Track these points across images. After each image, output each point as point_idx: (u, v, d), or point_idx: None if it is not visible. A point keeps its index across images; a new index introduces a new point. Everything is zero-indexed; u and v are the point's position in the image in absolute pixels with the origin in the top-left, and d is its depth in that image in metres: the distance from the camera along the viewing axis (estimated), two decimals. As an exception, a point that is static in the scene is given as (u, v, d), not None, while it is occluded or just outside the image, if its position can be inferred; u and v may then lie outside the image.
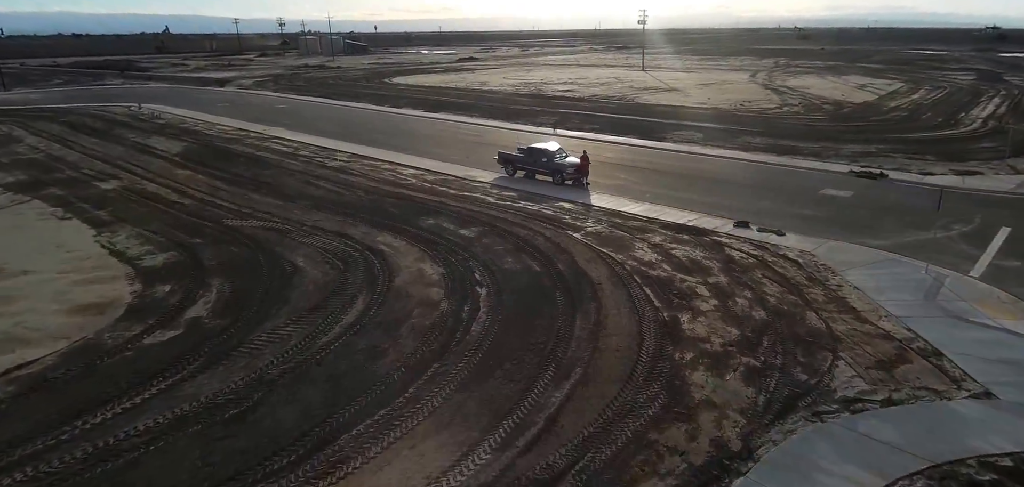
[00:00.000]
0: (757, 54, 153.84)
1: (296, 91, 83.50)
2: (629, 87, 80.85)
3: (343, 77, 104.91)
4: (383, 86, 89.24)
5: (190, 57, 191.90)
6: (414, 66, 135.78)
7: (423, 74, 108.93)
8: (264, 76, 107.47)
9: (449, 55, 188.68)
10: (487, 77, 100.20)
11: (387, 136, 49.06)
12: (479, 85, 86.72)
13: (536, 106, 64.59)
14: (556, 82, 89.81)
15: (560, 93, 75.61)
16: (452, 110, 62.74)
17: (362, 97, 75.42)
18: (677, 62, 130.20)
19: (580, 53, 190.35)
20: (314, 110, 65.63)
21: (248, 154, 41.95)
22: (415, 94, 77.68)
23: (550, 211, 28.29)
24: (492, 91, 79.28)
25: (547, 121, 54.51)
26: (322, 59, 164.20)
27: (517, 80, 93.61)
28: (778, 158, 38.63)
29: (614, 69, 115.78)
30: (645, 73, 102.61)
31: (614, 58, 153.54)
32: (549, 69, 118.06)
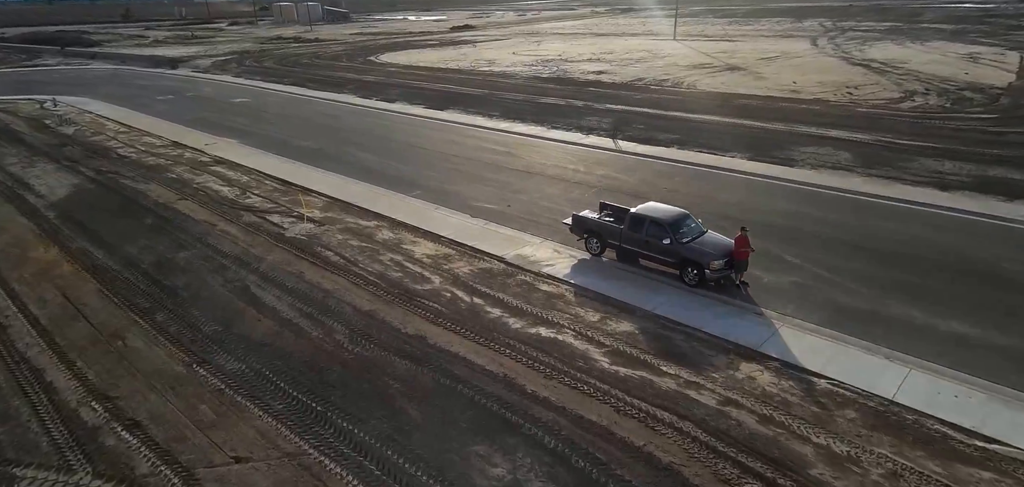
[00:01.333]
0: (788, 14, 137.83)
1: (263, 75, 67.43)
2: (674, 65, 65.51)
3: (321, 53, 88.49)
4: (370, 67, 73.22)
5: (157, 26, 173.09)
6: (403, 38, 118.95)
7: (416, 49, 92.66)
8: (228, 53, 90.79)
9: (440, 22, 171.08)
10: (494, 53, 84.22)
11: (381, 157, 33.91)
12: (487, 65, 70.97)
13: (570, 97, 49.38)
14: (578, 58, 74.19)
15: (591, 75, 60.25)
16: (463, 106, 47.36)
17: (344, 85, 59.65)
18: (705, 26, 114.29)
19: (584, 19, 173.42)
20: (281, 106, 50.02)
21: (166, 207, 26.64)
22: (411, 79, 61.99)
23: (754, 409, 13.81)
24: (506, 74, 63.70)
25: (599, 126, 39.54)
26: (298, 29, 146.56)
27: (530, 57, 77.82)
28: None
29: (639, 38, 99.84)
30: (680, 44, 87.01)
31: (628, 23, 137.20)
32: (562, 40, 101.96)
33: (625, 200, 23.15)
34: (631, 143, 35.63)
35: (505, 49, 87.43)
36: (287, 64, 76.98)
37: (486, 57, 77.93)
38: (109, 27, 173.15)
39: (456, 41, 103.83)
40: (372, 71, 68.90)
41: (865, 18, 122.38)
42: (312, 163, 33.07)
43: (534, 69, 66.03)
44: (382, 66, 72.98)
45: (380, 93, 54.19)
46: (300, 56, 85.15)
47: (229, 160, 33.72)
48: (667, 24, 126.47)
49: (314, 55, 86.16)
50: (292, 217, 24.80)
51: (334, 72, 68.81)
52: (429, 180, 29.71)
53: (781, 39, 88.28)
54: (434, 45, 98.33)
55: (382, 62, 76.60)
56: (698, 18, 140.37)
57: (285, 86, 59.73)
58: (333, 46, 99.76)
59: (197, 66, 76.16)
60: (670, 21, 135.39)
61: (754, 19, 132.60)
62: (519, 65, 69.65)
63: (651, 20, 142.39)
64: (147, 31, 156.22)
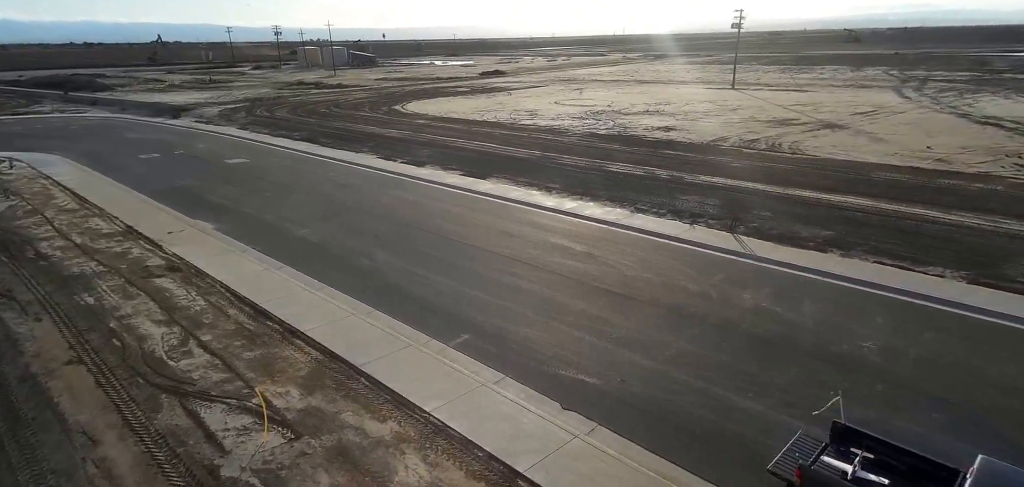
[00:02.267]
0: (839, 62, 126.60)
1: (271, 128, 57.63)
2: (751, 119, 54.44)
3: (341, 101, 79.05)
4: (395, 119, 63.24)
5: (180, 69, 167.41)
6: (431, 83, 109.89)
7: (446, 97, 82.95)
8: (240, 101, 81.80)
9: (468, 66, 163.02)
10: (533, 102, 74.02)
11: (407, 260, 22.90)
12: (529, 118, 60.57)
13: (645, 162, 38.36)
14: (632, 109, 63.58)
15: (658, 133, 49.38)
16: (511, 173, 36.56)
17: (364, 141, 49.39)
18: (758, 74, 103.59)
19: (618, 64, 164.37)
20: (283, 171, 39.70)
21: (31, 383, 15.77)
22: (443, 135, 51.68)
23: None
24: (554, 130, 53.14)
25: (703, 210, 28.37)
26: (322, 73, 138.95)
27: (576, 107, 67.40)
28: None
29: (691, 86, 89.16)
30: (742, 93, 76.11)
31: (669, 70, 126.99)
32: (605, 88, 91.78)
33: (829, 377, 11.87)
34: (762, 241, 24.31)
35: (545, 98, 77.25)
36: (301, 113, 67.38)
37: (526, 107, 67.61)
38: (132, 70, 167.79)
39: (488, 88, 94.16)
40: (397, 123, 58.80)
41: (931, 66, 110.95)
42: (307, 268, 22.24)
43: (585, 123, 55.37)
44: (409, 117, 62.89)
45: (406, 153, 43.70)
46: (318, 104, 75.69)
47: (189, 264, 23.00)
48: (714, 71, 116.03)
49: (333, 103, 76.67)
50: (248, 415, 13.78)
51: (353, 124, 58.81)
52: (479, 308, 18.65)
53: (859, 89, 76.95)
54: (465, 92, 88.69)
55: (409, 112, 66.63)
56: (745, 65, 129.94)
57: (294, 142, 49.64)
58: (355, 93, 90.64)
59: (201, 116, 66.79)
60: (715, 67, 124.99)
61: (807, 66, 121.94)
62: (566, 117, 59.13)
63: (693, 66, 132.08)
64: (168, 74, 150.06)
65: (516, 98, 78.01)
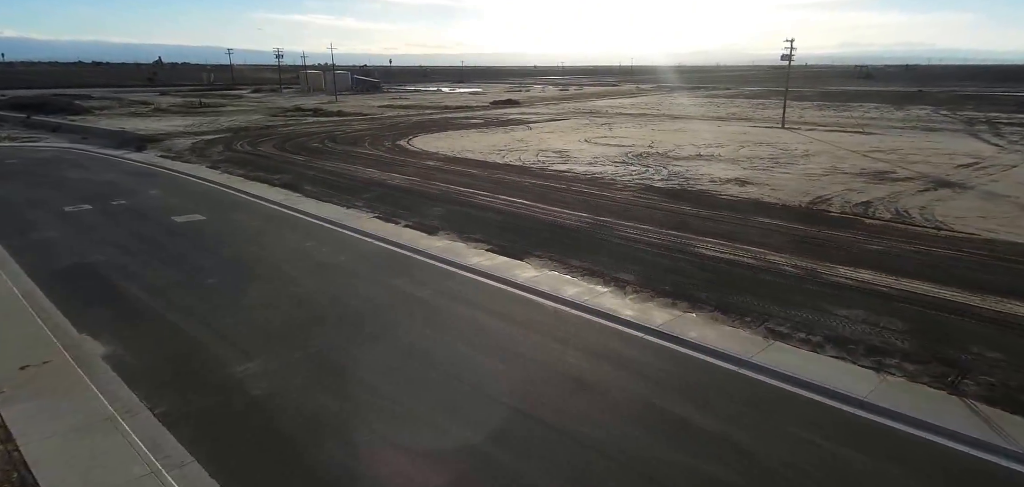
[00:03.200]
0: (863, 98, 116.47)
1: (248, 167, 46.95)
2: (835, 170, 43.73)
3: (339, 134, 68.56)
4: (400, 158, 52.61)
5: (177, 91, 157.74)
6: (439, 112, 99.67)
7: (458, 130, 72.49)
8: (223, 130, 71.28)
9: (478, 95, 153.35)
10: (559, 139, 63.50)
11: (416, 459, 12.16)
12: (560, 161, 49.90)
13: (742, 235, 27.54)
14: (679, 152, 53.03)
15: (728, 187, 38.70)
16: (557, 250, 25.59)
17: (360, 191, 38.59)
18: (795, 112, 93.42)
19: (632, 95, 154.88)
20: (243, 240, 28.73)
21: None
22: (459, 183, 40.89)
23: None
24: (597, 181, 42.47)
25: (884, 340, 17.40)
26: (323, 98, 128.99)
27: (612, 148, 56.85)
28: None
29: (735, 124, 78.64)
30: (795, 134, 65.62)
31: (695, 103, 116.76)
32: (634, 123, 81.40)
33: None
34: (1017, 417, 13.50)
35: (571, 134, 66.71)
36: (290, 148, 56.74)
37: (553, 146, 56.96)
38: (127, 90, 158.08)
39: (504, 120, 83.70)
40: (402, 165, 48.08)
41: (980, 107, 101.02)
42: (234, 475, 11.46)
43: (632, 170, 44.61)
44: (416, 157, 52.18)
45: (413, 211, 32.89)
46: (311, 137, 65.10)
47: (14, 454, 12.24)
48: (746, 106, 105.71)
49: (329, 135, 66.07)
50: None
51: (349, 164, 48.09)
52: None
53: (929, 133, 66.45)
54: (478, 124, 78.22)
55: (415, 150, 56.00)
56: (770, 100, 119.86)
57: (272, 190, 38.91)
58: (356, 122, 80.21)
59: (170, 149, 56.12)
60: (742, 101, 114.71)
61: (841, 104, 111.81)
62: (605, 161, 48.47)
63: (718, 99, 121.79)
64: (161, 95, 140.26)
65: (538, 134, 67.49)
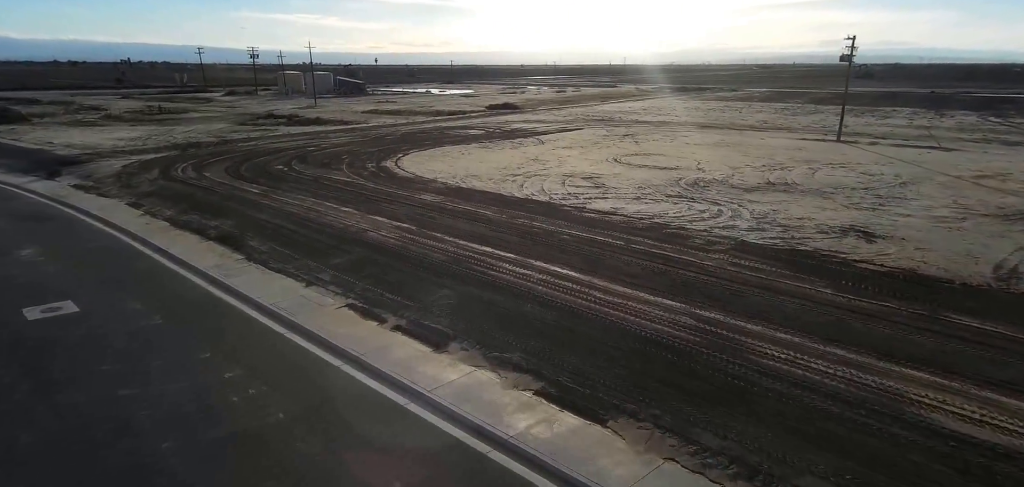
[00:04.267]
0: (888, 102, 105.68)
1: (181, 204, 34.62)
2: (957, 205, 32.50)
3: (311, 151, 56.20)
4: (386, 189, 40.34)
5: (141, 94, 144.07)
6: (431, 119, 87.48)
7: (455, 145, 60.41)
8: (171, 145, 58.60)
9: (471, 97, 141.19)
10: (582, 158, 51.61)
11: None
12: (595, 191, 38.02)
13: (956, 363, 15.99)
14: (741, 179, 41.46)
15: (864, 250, 27.11)
16: (670, 400, 13.94)
17: (325, 253, 26.35)
18: (823, 117, 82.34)
19: (638, 98, 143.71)
20: (109, 380, 16.86)
21: None
22: (470, 239, 28.71)
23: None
24: (664, 229, 30.66)
25: None
26: (302, 102, 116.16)
27: (651, 170, 45.09)
28: None
29: (780, 136, 67.10)
30: (864, 149, 54.30)
31: (712, 107, 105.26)
32: (662, 134, 69.73)
33: None
34: None
35: (594, 151, 54.82)
36: (246, 172, 44.37)
37: (579, 169, 45.03)
38: (87, 93, 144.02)
39: (508, 130, 71.57)
40: (389, 200, 35.82)
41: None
42: None
43: (697, 210, 32.72)
44: (407, 186, 39.98)
45: (407, 291, 20.88)
46: (276, 155, 52.67)
47: None
48: (776, 113, 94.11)
49: (299, 153, 53.59)
50: None
51: (319, 201, 35.79)
52: None
53: (1008, 148, 55.49)
54: (478, 136, 66.11)
55: (406, 174, 43.83)
56: (787, 103, 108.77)
57: (202, 246, 26.69)
58: (334, 135, 67.79)
59: (90, 175, 43.40)
60: (762, 105, 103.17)
61: (871, 109, 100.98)
62: (653, 193, 36.63)
63: (739, 104, 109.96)
64: (122, 99, 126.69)
65: (555, 150, 55.58)
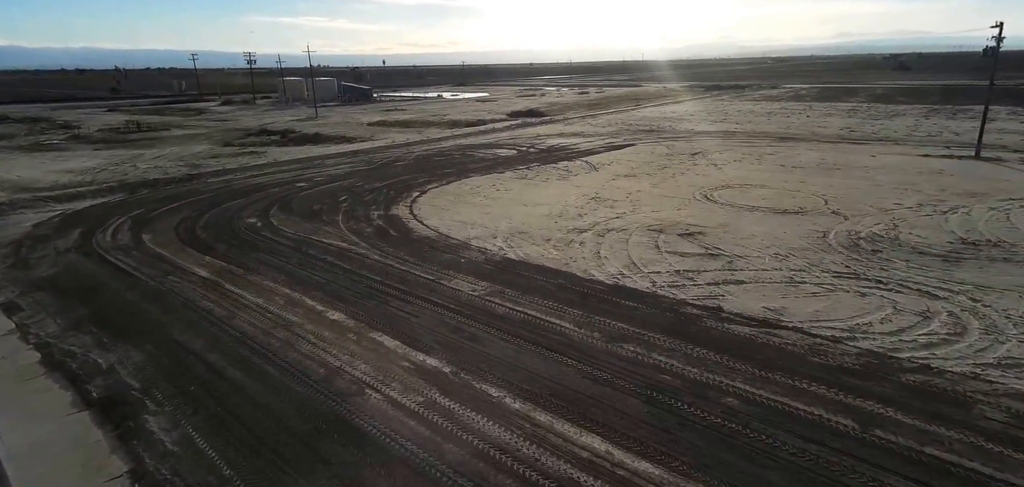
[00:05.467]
0: (951, 99, 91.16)
1: (75, 314, 22.24)
2: None
3: (299, 189, 43.34)
4: (397, 264, 27.30)
5: (132, 105, 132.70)
6: (449, 134, 74.57)
7: (485, 171, 47.45)
8: (127, 182, 46.32)
9: (487, 102, 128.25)
10: (658, 193, 38.52)
11: None
12: (711, 266, 25.05)
13: None
14: (920, 230, 28.39)
15: None
16: None
17: (278, 452, 13.93)
18: (897, 121, 68.28)
19: (665, 98, 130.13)
20: None
21: None
22: (563, 419, 15.96)
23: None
24: (890, 367, 17.74)
25: None
26: (302, 112, 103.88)
27: (787, 225, 31.85)
28: None
29: (897, 154, 53.46)
30: (1014, 168, 40.68)
31: (764, 110, 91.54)
32: (743, 153, 56.54)
33: None
34: None
35: (663, 180, 41.56)
36: (197, 242, 31.40)
37: (665, 217, 31.79)
38: (73, 106, 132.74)
39: (545, 150, 58.16)
40: (404, 289, 22.72)
41: None
42: None
43: (902, 307, 19.70)
44: (430, 260, 26.72)
45: None
46: (252, 197, 39.89)
47: None
48: (845, 111, 79.19)
49: (283, 197, 40.69)
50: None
51: (295, 289, 22.54)
52: None
53: None
54: (510, 157, 52.92)
55: (427, 233, 30.80)
56: (850, 104, 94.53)
57: (66, 423, 14.21)
58: (333, 160, 55.00)
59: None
60: (838, 108, 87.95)
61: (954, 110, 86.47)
62: (803, 262, 23.31)
63: (782, 103, 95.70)
64: (106, 113, 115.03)
65: (616, 181, 42.46)
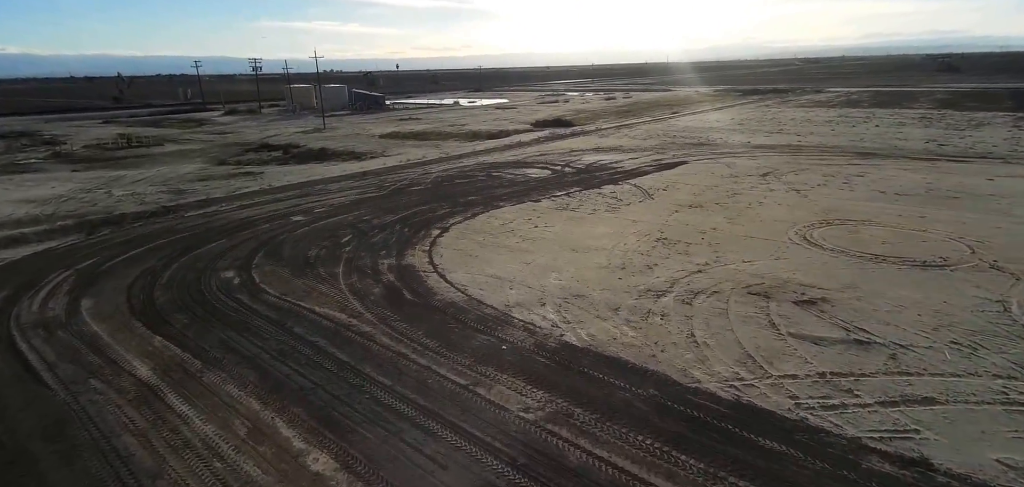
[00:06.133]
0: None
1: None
2: None
3: (290, 229, 35.62)
4: (410, 348, 19.38)
5: (132, 116, 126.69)
6: (470, 148, 66.58)
7: (519, 202, 39.14)
8: (90, 217, 38.92)
9: (506, 107, 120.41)
10: (752, 244, 29.97)
11: None
12: (872, 387, 17.01)
13: None
14: None
15: None
16: None
17: None
18: (982, 130, 59.26)
19: (701, 104, 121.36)
20: None
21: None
22: None
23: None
24: None
25: None
26: (310, 122, 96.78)
27: (956, 298, 23.68)
28: None
29: (1017, 176, 44.55)
30: None
31: (834, 115, 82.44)
32: (825, 177, 47.81)
33: None
34: None
35: (742, 214, 32.96)
36: (151, 312, 23.62)
37: (765, 270, 22.51)
38: (68, 118, 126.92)
39: (582, 168, 49.53)
40: (424, 404, 14.99)
41: None
42: None
43: None
44: (458, 345, 18.34)
45: None
46: (237, 238, 32.11)
47: None
48: (912, 122, 68.35)
49: (272, 237, 33.05)
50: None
51: (269, 402, 14.84)
52: None
53: None
54: (546, 182, 44.31)
55: (452, 298, 22.37)
56: (921, 111, 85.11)
57: None
58: (338, 185, 47.00)
59: None
60: (906, 116, 76.71)
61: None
62: (992, 352, 15.45)
63: (839, 111, 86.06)
64: (101, 126, 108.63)
65: (680, 212, 34.15)
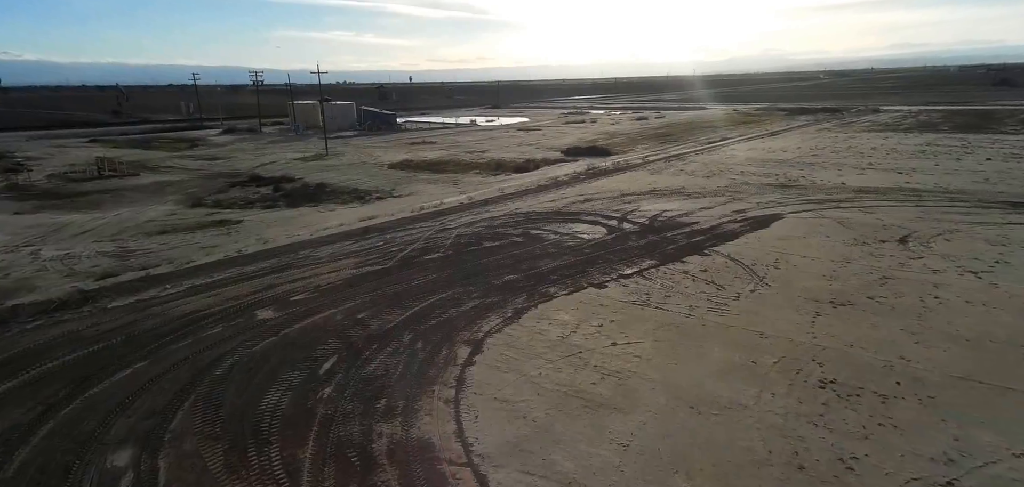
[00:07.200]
0: None
1: None
2: None
3: (249, 340, 25.08)
4: None
5: (123, 132, 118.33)
6: (495, 188, 56.01)
7: (575, 291, 28.39)
8: None
9: (529, 130, 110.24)
10: (932, 369, 19.30)
11: None
12: None
13: None
14: None
15: None
16: None
17: None
18: None
19: (756, 128, 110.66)
20: None
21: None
22: None
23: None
24: None
25: None
26: (306, 149, 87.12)
27: None
28: None
29: None
30: None
31: (920, 142, 71.19)
32: (985, 247, 36.74)
33: None
34: None
35: (912, 314, 21.86)
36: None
37: None
38: (58, 132, 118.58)
39: (646, 226, 38.11)
40: None
41: None
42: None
43: None
44: None
45: None
46: (174, 333, 21.66)
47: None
48: (1014, 152, 57.48)
49: (220, 345, 22.57)
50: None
51: None
52: None
53: None
54: (607, 250, 32.79)
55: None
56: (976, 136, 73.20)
57: None
58: (328, 250, 36.05)
59: None
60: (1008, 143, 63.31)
61: None
62: None
63: (920, 137, 73.67)
64: (85, 145, 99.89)
65: (822, 313, 23.39)
